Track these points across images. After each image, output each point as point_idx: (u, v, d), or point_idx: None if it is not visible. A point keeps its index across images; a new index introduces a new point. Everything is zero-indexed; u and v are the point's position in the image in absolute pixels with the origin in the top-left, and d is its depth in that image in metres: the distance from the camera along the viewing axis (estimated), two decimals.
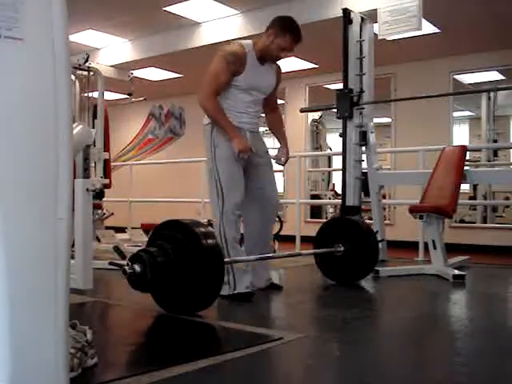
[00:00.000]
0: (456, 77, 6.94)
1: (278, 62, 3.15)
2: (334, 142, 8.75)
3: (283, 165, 3.33)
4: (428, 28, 5.68)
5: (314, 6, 5.69)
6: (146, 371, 1.62)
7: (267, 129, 3.42)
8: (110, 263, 2.70)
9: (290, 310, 2.83)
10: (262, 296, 3.00)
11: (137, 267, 2.31)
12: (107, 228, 5.29)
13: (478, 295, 3.41)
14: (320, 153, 8.73)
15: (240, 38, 6.05)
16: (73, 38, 6.97)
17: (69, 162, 1.08)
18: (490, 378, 1.70)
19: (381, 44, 4.90)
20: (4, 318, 0.98)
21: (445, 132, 6.77)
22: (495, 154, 7.33)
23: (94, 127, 4.69)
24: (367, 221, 4.82)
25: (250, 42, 3.05)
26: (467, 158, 4.50)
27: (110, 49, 7.75)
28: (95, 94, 4.81)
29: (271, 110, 3.31)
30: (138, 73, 6.90)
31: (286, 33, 2.97)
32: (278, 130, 3.36)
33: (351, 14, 4.64)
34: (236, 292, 2.86)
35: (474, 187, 7.21)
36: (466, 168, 4.30)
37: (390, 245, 5.01)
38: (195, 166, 7.40)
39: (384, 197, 6.23)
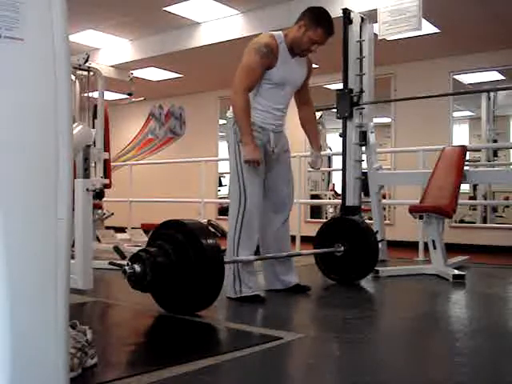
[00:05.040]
0: (456, 77, 6.94)
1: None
2: (333, 141, 8.74)
3: (318, 169, 3.31)
4: (428, 28, 5.68)
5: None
6: (146, 371, 1.62)
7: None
8: (110, 263, 2.70)
9: (289, 310, 2.83)
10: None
11: (137, 267, 2.31)
12: (107, 228, 5.29)
13: (477, 295, 3.41)
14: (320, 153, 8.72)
15: (240, 38, 6.11)
16: (73, 38, 6.97)
17: (69, 162, 1.08)
18: (490, 378, 1.70)
19: (381, 44, 4.90)
20: (4, 317, 0.98)
21: (445, 132, 6.78)
22: (495, 154, 7.32)
23: (94, 127, 4.69)
24: (367, 221, 4.82)
25: (280, 33, 2.91)
26: (467, 157, 4.51)
27: (110, 49, 7.75)
28: (95, 94, 4.80)
29: (304, 103, 3.20)
30: (137, 73, 6.90)
31: (318, 26, 2.83)
32: (309, 130, 3.25)
33: (351, 13, 4.63)
34: (243, 295, 2.83)
35: (474, 187, 7.21)
36: (465, 168, 4.30)
37: (390, 245, 5.01)
38: (195, 166, 7.41)
39: (384, 197, 6.24)
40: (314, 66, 3.14)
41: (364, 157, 4.69)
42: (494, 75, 6.95)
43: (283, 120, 3.05)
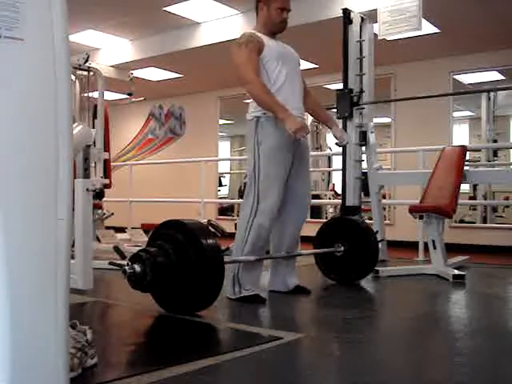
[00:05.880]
0: (456, 77, 6.94)
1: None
2: (334, 142, 8.73)
3: (345, 145, 3.41)
4: (428, 28, 5.68)
5: (314, 6, 5.69)
6: (146, 371, 1.62)
7: None
8: (110, 263, 2.70)
9: (289, 310, 2.83)
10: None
11: (137, 267, 2.31)
12: (107, 228, 5.29)
13: (477, 295, 3.41)
14: (320, 153, 8.73)
15: None
16: (73, 38, 6.97)
17: (69, 162, 1.08)
18: (490, 378, 1.70)
19: (381, 44, 4.90)
20: (4, 318, 0.98)
21: (445, 132, 6.77)
22: (495, 154, 7.32)
23: (94, 127, 4.69)
24: (367, 221, 4.82)
25: (251, 30, 2.97)
26: (467, 157, 4.51)
27: (110, 49, 7.75)
28: (95, 94, 4.80)
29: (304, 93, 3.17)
30: (138, 73, 6.90)
31: None
32: (318, 112, 3.27)
33: (351, 13, 4.64)
34: (242, 295, 2.83)
35: (474, 187, 7.20)
36: (465, 168, 4.30)
37: (390, 245, 5.01)
38: (195, 166, 7.41)
39: (384, 197, 6.23)
40: (313, 66, 3.14)
41: (364, 157, 4.70)
42: (494, 75, 6.95)
43: (302, 103, 3.02)
